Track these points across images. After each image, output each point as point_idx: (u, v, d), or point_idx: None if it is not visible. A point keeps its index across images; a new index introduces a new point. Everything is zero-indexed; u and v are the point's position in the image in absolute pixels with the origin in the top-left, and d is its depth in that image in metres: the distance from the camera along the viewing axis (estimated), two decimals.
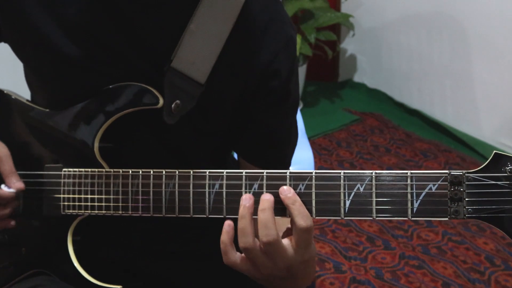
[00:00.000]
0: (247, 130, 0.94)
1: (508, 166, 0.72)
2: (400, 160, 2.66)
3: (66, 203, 0.91)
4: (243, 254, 0.80)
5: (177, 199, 0.84)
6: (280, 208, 0.79)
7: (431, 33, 2.89)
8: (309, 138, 2.69)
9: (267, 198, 0.78)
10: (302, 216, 0.76)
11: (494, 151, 0.73)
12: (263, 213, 0.77)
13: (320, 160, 2.62)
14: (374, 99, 3.23)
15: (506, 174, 0.72)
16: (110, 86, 0.87)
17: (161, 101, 0.85)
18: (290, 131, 0.98)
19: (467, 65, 2.74)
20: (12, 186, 0.89)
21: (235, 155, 1.16)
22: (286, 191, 0.78)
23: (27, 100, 0.98)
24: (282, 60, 0.90)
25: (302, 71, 3.02)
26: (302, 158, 1.46)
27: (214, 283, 1.01)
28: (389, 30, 3.10)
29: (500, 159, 0.73)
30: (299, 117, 1.69)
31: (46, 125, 0.93)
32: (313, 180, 0.78)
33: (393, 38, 3.10)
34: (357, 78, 3.39)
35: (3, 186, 0.89)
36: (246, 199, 0.79)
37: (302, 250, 0.78)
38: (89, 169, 0.89)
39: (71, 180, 0.90)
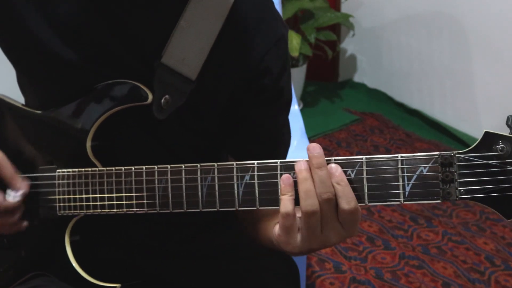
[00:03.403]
0: (239, 129, 0.94)
1: (499, 145, 0.70)
2: None
3: (61, 204, 0.91)
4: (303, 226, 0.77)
5: (170, 195, 0.84)
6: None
7: (431, 33, 2.88)
8: (309, 138, 2.69)
9: (318, 152, 0.76)
10: (346, 198, 0.74)
11: (485, 130, 0.72)
12: (321, 170, 0.75)
13: None
14: (374, 99, 3.23)
15: (497, 153, 0.70)
16: (99, 85, 0.87)
17: (150, 97, 0.85)
18: (282, 130, 0.98)
19: (467, 65, 2.74)
20: (18, 189, 0.89)
21: None
22: (333, 169, 0.75)
23: (21, 104, 0.98)
24: (273, 58, 0.90)
25: (302, 71, 3.02)
26: (302, 158, 1.46)
27: (212, 282, 1.01)
28: (389, 30, 3.10)
29: (490, 138, 0.71)
30: (299, 117, 1.69)
31: (38, 127, 0.93)
32: None
33: (393, 38, 3.10)
34: (357, 78, 3.39)
35: (9, 191, 0.89)
36: (301, 163, 0.77)
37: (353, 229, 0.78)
38: (83, 169, 0.89)
39: (65, 181, 0.90)
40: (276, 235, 0.81)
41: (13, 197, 0.89)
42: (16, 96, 1.00)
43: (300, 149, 1.51)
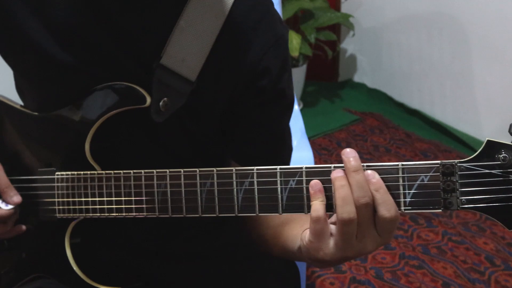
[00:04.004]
0: (239, 131, 0.94)
1: (501, 154, 0.69)
2: (400, 160, 2.65)
3: (61, 207, 0.90)
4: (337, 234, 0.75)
5: (169, 199, 0.83)
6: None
7: (431, 33, 2.88)
8: (309, 138, 2.68)
9: (354, 156, 0.74)
10: (386, 205, 0.72)
11: (487, 139, 0.70)
12: (357, 174, 0.72)
13: (320, 160, 2.62)
14: (374, 99, 3.23)
15: (499, 162, 0.69)
16: (97, 87, 0.87)
17: (148, 100, 0.84)
18: (284, 133, 0.97)
19: (467, 65, 2.74)
20: (10, 202, 0.89)
21: None
22: (370, 175, 0.73)
23: (20, 105, 0.97)
24: (272, 58, 0.89)
25: (302, 71, 3.02)
26: (302, 158, 1.46)
27: (213, 283, 1.01)
28: (389, 30, 3.10)
29: (493, 147, 0.70)
30: (299, 117, 1.68)
31: (37, 129, 0.93)
32: (304, 176, 0.77)
33: (393, 38, 3.10)
34: (357, 78, 3.39)
35: (0, 202, 0.89)
36: (337, 171, 0.74)
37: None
38: (82, 172, 0.88)
39: (64, 184, 0.90)
40: (306, 242, 0.78)
41: (4, 207, 0.89)
42: (14, 97, 1.00)
43: (300, 149, 1.51)
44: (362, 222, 0.73)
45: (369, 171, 0.74)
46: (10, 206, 0.89)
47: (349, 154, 0.74)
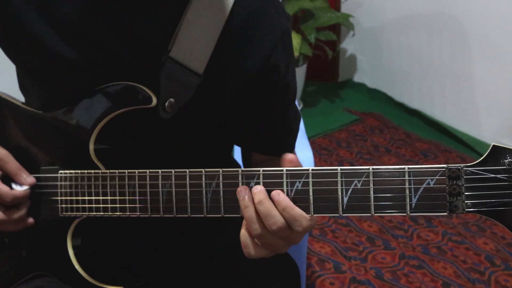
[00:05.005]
0: (249, 123, 0.95)
1: (507, 159, 0.71)
2: (400, 160, 2.66)
3: (64, 205, 0.90)
4: (258, 242, 0.80)
5: (174, 199, 0.83)
6: None
7: (431, 33, 2.89)
8: (309, 138, 2.69)
9: (258, 190, 0.78)
10: (296, 221, 0.77)
11: (492, 144, 0.72)
12: (261, 205, 0.77)
13: (320, 160, 2.62)
14: (374, 99, 3.23)
15: (505, 167, 0.71)
16: (103, 86, 0.87)
17: (154, 100, 0.85)
18: (290, 121, 0.99)
19: (467, 65, 2.74)
20: (24, 182, 0.89)
21: (236, 157, 1.16)
22: (275, 196, 0.78)
23: (22, 102, 0.97)
24: (280, 54, 0.90)
25: (302, 71, 3.02)
26: (302, 158, 1.46)
27: (213, 283, 1.01)
28: (389, 30, 3.10)
29: (498, 152, 0.71)
30: None
31: (40, 127, 0.93)
32: (310, 177, 0.77)
33: (393, 38, 3.10)
34: (357, 78, 3.39)
35: (14, 185, 0.89)
36: (242, 191, 0.79)
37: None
38: (85, 171, 0.88)
39: (67, 183, 0.90)
40: None
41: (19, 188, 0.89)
42: (16, 95, 1.00)
43: (300, 149, 1.51)
44: (276, 238, 0.78)
45: (274, 193, 0.78)
46: (25, 187, 0.89)
47: (255, 189, 0.78)
